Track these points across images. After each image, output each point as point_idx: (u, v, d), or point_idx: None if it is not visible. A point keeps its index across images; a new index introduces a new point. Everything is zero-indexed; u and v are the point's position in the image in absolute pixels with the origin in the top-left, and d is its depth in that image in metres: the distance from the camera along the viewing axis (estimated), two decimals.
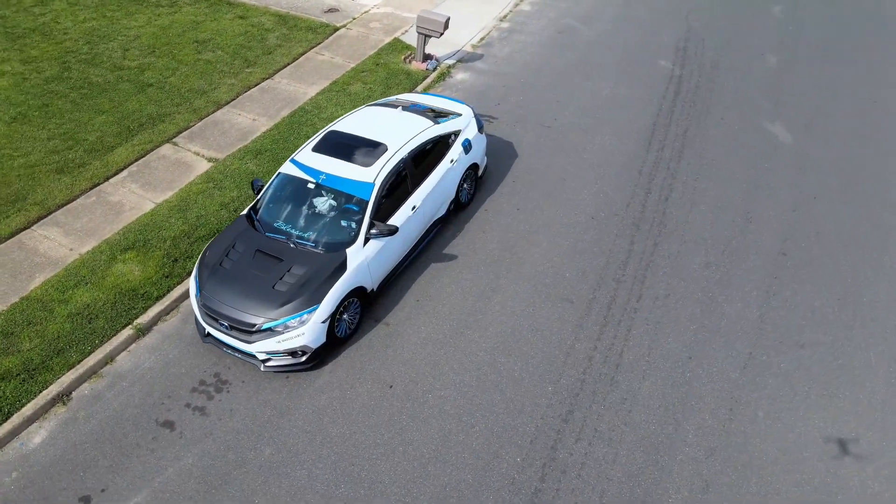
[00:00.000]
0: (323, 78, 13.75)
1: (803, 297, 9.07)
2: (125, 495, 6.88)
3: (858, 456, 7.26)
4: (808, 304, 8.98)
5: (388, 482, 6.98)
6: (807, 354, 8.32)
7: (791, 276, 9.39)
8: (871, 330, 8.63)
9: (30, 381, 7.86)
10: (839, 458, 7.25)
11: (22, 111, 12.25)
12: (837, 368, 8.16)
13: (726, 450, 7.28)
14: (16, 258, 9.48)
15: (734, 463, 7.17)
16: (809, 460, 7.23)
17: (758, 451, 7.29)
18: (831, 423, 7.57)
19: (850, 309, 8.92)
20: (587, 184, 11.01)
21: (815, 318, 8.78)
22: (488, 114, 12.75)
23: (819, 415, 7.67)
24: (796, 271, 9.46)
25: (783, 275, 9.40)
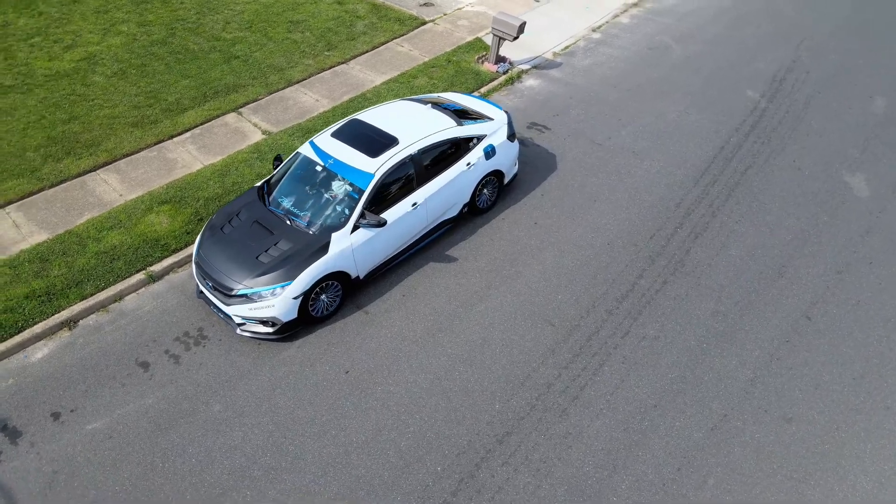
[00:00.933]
0: (394, 68, 14.11)
1: (812, 369, 8.19)
2: (88, 419, 7.64)
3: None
4: (815, 377, 8.10)
5: (309, 460, 7.22)
6: (791, 430, 7.54)
7: (807, 343, 8.50)
8: (881, 419, 7.65)
9: (47, 303, 8.88)
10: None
11: (123, 68, 13.66)
12: (821, 454, 7.33)
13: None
14: (75, 195, 10.67)
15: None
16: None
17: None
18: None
19: (863, 391, 7.95)
20: (616, 208, 10.55)
21: (817, 394, 7.91)
22: (542, 123, 12.52)
23: (779, 498, 6.95)
24: (815, 339, 8.55)
25: (798, 340, 8.53)
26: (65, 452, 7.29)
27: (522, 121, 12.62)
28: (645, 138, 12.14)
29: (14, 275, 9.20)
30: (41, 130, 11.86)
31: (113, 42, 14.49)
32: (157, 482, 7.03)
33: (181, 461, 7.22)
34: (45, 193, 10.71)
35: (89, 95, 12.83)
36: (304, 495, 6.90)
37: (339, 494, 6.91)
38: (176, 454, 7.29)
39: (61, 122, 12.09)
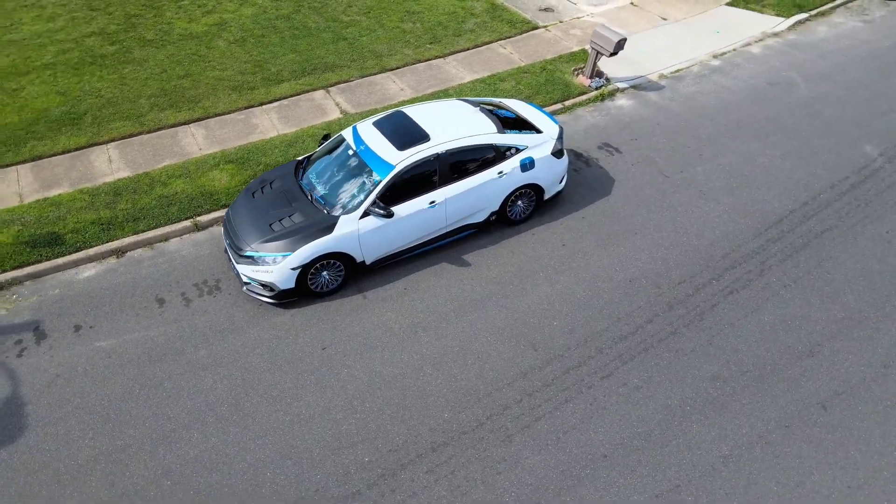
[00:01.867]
0: (487, 69, 14.17)
1: (803, 463, 7.26)
2: (99, 337, 8.67)
3: None
4: (804, 474, 7.17)
5: (257, 420, 7.68)
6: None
7: (809, 434, 7.53)
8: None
9: (106, 231, 10.12)
10: None
11: (244, 36, 14.98)
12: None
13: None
14: (163, 143, 11.98)
15: None
16: None
17: None
18: None
19: (860, 497, 6.91)
20: (655, 246, 9.91)
21: (797, 493, 7.01)
22: (616, 146, 12.00)
23: None
24: (821, 432, 7.55)
25: (799, 428, 7.58)
26: (70, 360, 8.35)
27: (596, 140, 12.17)
28: (720, 178, 11.21)
29: (90, 202, 10.56)
30: (158, 82, 13.39)
31: (245, 12, 15.89)
32: (129, 406, 7.85)
33: (154, 392, 7.99)
34: (142, 137, 12.12)
35: (207, 57, 14.23)
36: (241, 451, 7.36)
37: (268, 458, 7.29)
38: (153, 385, 8.07)
39: (177, 77, 13.55)
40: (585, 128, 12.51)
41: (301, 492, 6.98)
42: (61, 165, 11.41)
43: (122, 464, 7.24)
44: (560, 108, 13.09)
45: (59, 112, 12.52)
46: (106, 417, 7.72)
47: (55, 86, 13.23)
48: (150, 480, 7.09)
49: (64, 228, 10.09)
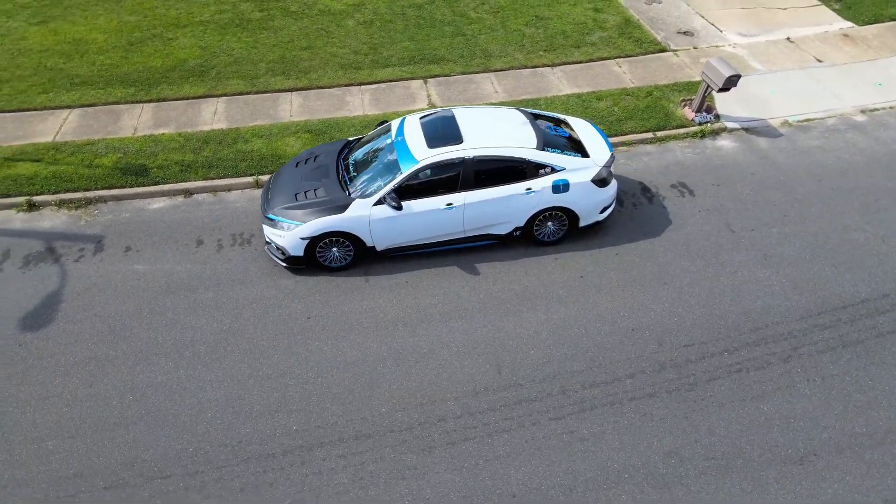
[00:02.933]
0: (590, 85, 13.70)
1: None
2: (139, 261, 9.88)
3: None
4: None
5: (222, 367, 8.35)
6: None
7: None
8: None
9: (184, 172, 11.40)
10: None
11: (373, 19, 15.82)
12: None
13: None
14: (263, 105, 13.14)
15: None
16: None
17: None
18: None
19: None
20: (680, 302, 9.10)
21: None
22: (691, 187, 11.11)
23: None
24: None
25: None
26: (109, 275, 9.63)
27: (673, 177, 11.33)
28: (794, 246, 9.94)
29: (182, 145, 11.95)
30: (282, 50, 14.64)
31: None
32: (133, 324, 8.91)
33: (157, 319, 8.99)
34: (248, 97, 13.39)
35: (333, 34, 15.25)
36: (197, 388, 8.07)
37: (215, 401, 7.92)
38: (158, 312, 9.08)
39: (299, 47, 14.72)
40: (668, 163, 11.67)
41: (226, 439, 7.52)
42: (175, 110, 12.98)
43: (104, 371, 8.28)
44: (649, 137, 12.32)
45: (194, 64, 14.19)
46: (112, 329, 8.83)
47: (200, 41, 14.98)
48: (118, 391, 8.04)
49: (153, 163, 11.53)
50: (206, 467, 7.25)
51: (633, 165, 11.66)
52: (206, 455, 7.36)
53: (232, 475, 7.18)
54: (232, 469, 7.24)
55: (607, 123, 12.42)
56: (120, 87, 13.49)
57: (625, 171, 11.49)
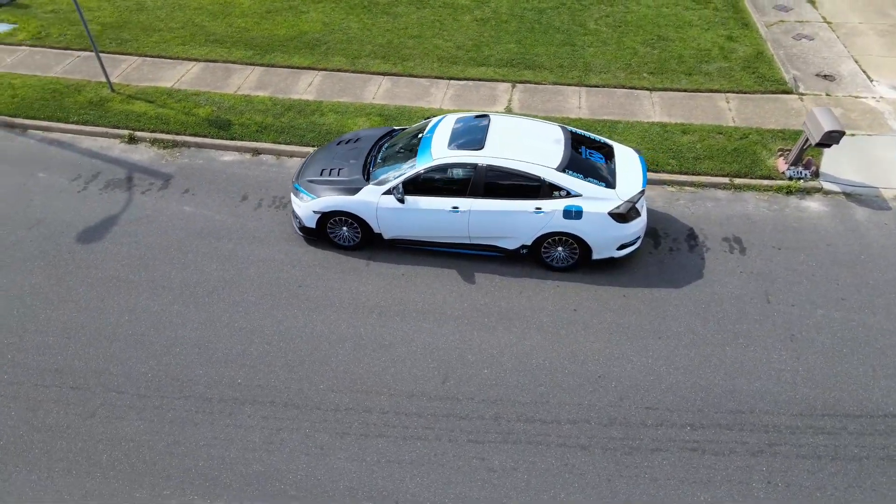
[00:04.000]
0: (683, 116, 12.76)
1: None
2: (189, 202, 10.97)
3: None
4: None
5: (208, 312, 9.12)
6: None
7: None
8: None
9: (259, 133, 12.43)
10: None
11: (490, 18, 15.89)
12: None
13: None
14: (354, 84, 13.83)
15: None
16: None
17: None
18: None
19: None
20: (664, 361, 8.34)
21: None
22: (746, 245, 10.05)
23: None
24: None
25: None
26: (161, 210, 10.82)
27: (730, 229, 10.31)
28: (833, 335, 8.64)
29: (268, 108, 13.00)
30: (392, 35, 15.25)
31: None
32: (158, 257, 9.99)
33: (179, 257, 9.99)
34: (343, 74, 14.16)
35: (445, 27, 15.58)
36: (180, 325, 8.91)
37: (188, 340, 8.69)
38: (181, 252, 10.08)
39: (408, 36, 15.24)
40: (733, 214, 10.61)
41: (180, 375, 8.26)
42: (278, 76, 14.10)
43: (118, 291, 9.41)
44: (724, 182, 11.24)
45: (311, 37, 15.27)
46: (141, 258, 9.99)
47: (326, 17, 16.05)
48: (119, 311, 9.11)
49: (238, 120, 12.69)
50: (154, 394, 8.04)
51: (692, 209, 10.73)
52: (158, 384, 8.15)
53: (170, 406, 7.90)
54: (172, 401, 7.95)
55: (682, 160, 11.52)
56: (242, 48, 14.90)
57: (679, 213, 10.62)
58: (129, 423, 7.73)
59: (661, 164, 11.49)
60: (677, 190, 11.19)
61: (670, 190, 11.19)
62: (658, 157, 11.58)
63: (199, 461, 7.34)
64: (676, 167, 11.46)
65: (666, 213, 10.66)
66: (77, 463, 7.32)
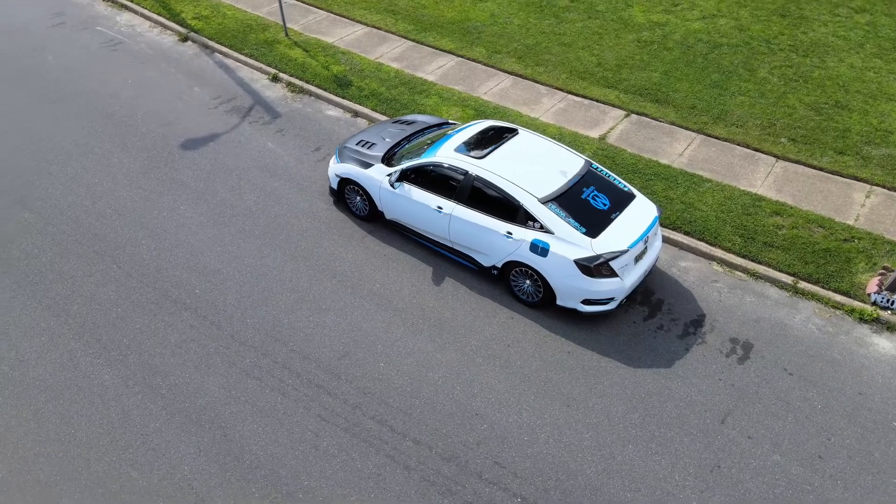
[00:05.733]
0: (791, 196, 10.89)
1: None
2: (275, 140, 12.49)
3: None
4: None
5: (208, 234, 10.52)
6: None
7: None
8: None
9: (368, 98, 13.49)
10: None
11: (652, 41, 14.84)
12: None
13: None
14: (476, 76, 14.17)
15: None
16: None
17: None
18: None
19: None
20: (555, 428, 7.61)
21: None
22: (756, 354, 8.57)
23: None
24: None
25: None
26: (252, 140, 12.49)
27: (752, 334, 8.81)
28: (773, 485, 7.07)
29: (389, 79, 13.98)
30: (542, 38, 15.13)
31: (696, 26, 15.37)
32: (221, 180, 11.64)
33: (233, 181, 11.51)
34: (474, 65, 14.52)
35: (602, 42, 14.97)
36: (188, 229, 10.44)
37: (182, 263, 10.19)
38: (238, 178, 11.56)
39: (557, 42, 15.00)
40: (768, 318, 8.99)
41: (155, 270, 9.74)
42: (418, 53, 14.95)
43: (174, 193, 11.21)
44: (786, 281, 9.49)
45: (472, 25, 15.82)
46: (207, 172, 11.71)
47: (498, 9, 16.41)
48: (163, 208, 10.91)
49: (358, 83, 13.89)
50: (136, 275, 9.64)
51: (724, 296, 9.30)
52: (145, 269, 9.75)
53: (139, 289, 9.43)
54: (143, 286, 9.48)
55: (750, 241, 9.94)
56: (407, 22, 16.02)
57: (704, 295, 9.30)
58: (106, 289, 9.43)
59: (722, 239, 10.02)
60: (724, 271, 9.72)
61: (715, 268, 9.76)
62: (722, 230, 10.11)
63: (124, 337, 8.74)
64: (737, 247, 9.91)
65: (689, 290, 9.39)
66: (68, 309, 9.20)
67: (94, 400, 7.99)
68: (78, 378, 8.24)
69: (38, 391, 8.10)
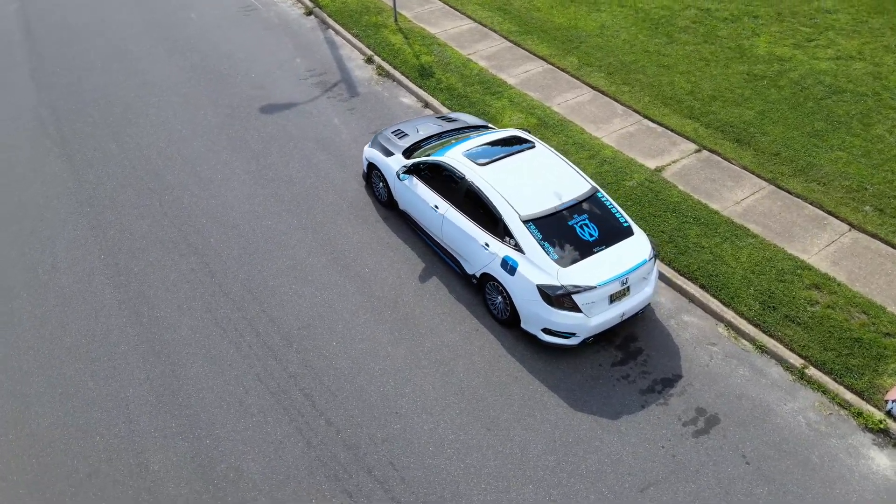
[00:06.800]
0: (844, 273, 9.56)
1: None
2: (342, 116, 13.14)
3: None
4: None
5: (233, 189, 11.37)
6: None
7: None
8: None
9: (441, 91, 13.74)
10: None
11: (767, 76, 13.49)
12: None
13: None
14: (559, 85, 13.82)
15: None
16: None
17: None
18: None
19: None
20: (454, 456, 7.50)
21: None
22: (721, 432, 7.79)
23: None
24: None
25: None
26: (322, 112, 13.22)
27: (729, 410, 7.97)
28: None
29: (470, 76, 14.10)
30: (641, 56, 14.37)
31: (823, 66, 13.81)
32: (279, 142, 12.48)
33: (287, 147, 12.28)
34: (561, 73, 14.18)
35: (708, 69, 13.93)
36: (230, 175, 11.38)
37: (219, 180, 11.13)
38: (292, 146, 12.32)
39: (657, 63, 14.18)
40: (754, 398, 8.05)
41: (189, 208, 10.74)
42: (511, 55, 14.85)
43: (237, 148, 12.21)
44: (795, 364, 8.42)
45: (577, 34, 15.38)
46: (270, 136, 12.56)
47: (611, 21, 15.81)
48: (217, 162, 11.96)
49: (439, 75, 14.12)
50: (162, 217, 10.70)
51: (715, 363, 8.45)
52: (172, 212, 10.77)
53: (161, 231, 10.44)
54: (166, 229, 10.47)
55: (769, 312, 8.92)
56: (513, 23, 15.93)
57: (692, 356, 8.52)
58: (143, 222, 10.59)
59: (738, 301, 9.06)
60: (727, 335, 8.80)
61: (719, 330, 8.87)
62: (743, 292, 9.13)
63: (136, 266, 9.78)
64: (752, 312, 8.91)
65: (678, 346, 8.64)
66: (106, 232, 10.51)
67: (90, 314, 9.09)
68: (87, 292, 9.41)
69: (54, 296, 9.36)
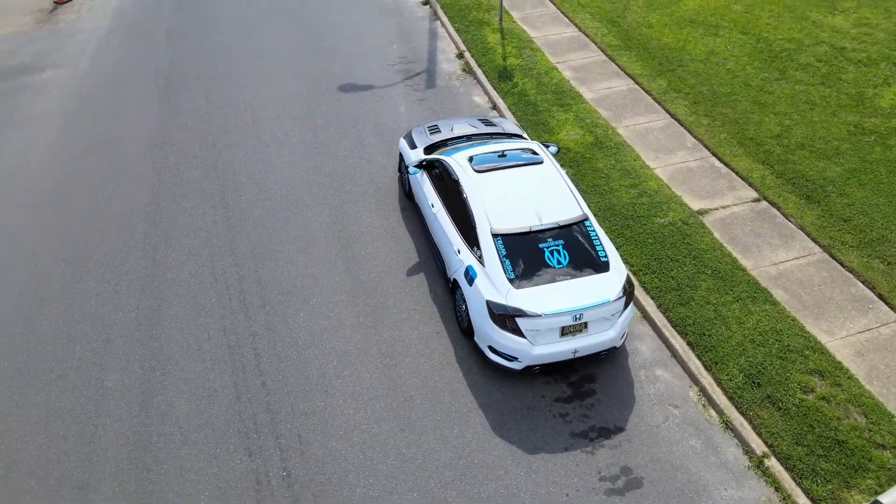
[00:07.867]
0: (860, 366, 8.33)
1: None
2: (410, 102, 13.55)
3: None
4: None
5: (274, 157, 12.08)
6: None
7: None
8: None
9: (512, 94, 13.62)
10: None
11: (870, 130, 11.92)
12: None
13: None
14: (633, 106, 13.13)
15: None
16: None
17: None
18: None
19: None
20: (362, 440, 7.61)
21: None
22: (651, 495, 7.29)
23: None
24: None
25: None
26: (393, 99, 13.65)
27: (669, 478, 7.39)
28: None
29: (554, 85, 13.84)
30: (736, 88, 13.26)
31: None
32: (339, 119, 13.07)
33: (345, 127, 12.80)
34: (640, 94, 13.47)
35: (807, 112, 12.58)
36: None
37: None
38: (350, 126, 12.78)
39: (750, 99, 13.02)
40: (711, 496, 7.32)
41: (220, 189, 11.65)
42: (601, 69, 14.33)
43: (296, 121, 13.03)
44: (756, 451, 7.55)
45: (681, 57, 14.46)
46: (334, 112, 13.18)
47: (724, 48, 14.68)
48: (271, 132, 12.83)
49: (518, 79, 13.95)
50: (212, 169, 11.70)
51: (666, 426, 7.80)
52: (221, 167, 11.73)
53: (204, 182, 11.42)
54: (210, 180, 11.44)
55: (750, 386, 8.06)
56: (616, 37, 15.32)
57: (647, 412, 7.92)
58: (193, 172, 11.68)
59: (721, 369, 8.24)
60: (696, 401, 8.06)
61: (690, 394, 8.13)
62: (731, 360, 8.28)
63: (170, 207, 10.83)
64: (732, 386, 8.05)
65: (636, 400, 8.07)
66: (162, 176, 11.75)
67: (118, 242, 10.27)
68: (125, 224, 10.62)
69: (99, 221, 10.68)
